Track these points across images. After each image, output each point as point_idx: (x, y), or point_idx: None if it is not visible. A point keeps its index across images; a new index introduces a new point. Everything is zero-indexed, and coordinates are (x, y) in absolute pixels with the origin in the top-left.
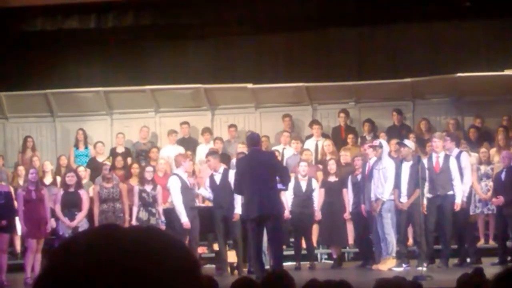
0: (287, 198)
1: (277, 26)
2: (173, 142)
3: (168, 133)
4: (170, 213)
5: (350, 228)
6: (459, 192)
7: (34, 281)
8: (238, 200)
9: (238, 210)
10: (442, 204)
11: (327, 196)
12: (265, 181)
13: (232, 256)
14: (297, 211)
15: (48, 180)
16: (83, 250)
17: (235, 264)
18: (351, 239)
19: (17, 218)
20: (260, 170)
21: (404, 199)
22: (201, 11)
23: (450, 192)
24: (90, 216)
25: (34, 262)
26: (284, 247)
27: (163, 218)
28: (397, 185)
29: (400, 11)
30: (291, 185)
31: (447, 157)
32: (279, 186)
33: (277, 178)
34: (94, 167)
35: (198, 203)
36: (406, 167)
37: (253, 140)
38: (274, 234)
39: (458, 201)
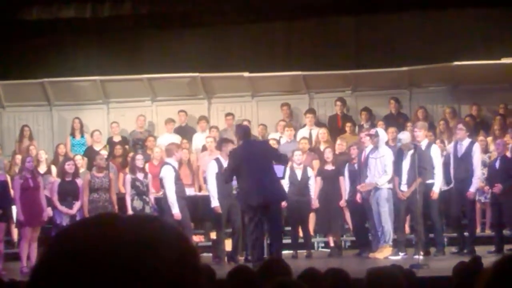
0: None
1: (275, 14)
2: (170, 130)
3: (166, 122)
4: (161, 202)
5: (347, 216)
6: (438, 181)
7: (31, 269)
8: None
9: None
10: (427, 193)
11: (323, 185)
12: (264, 169)
13: (227, 245)
14: (293, 200)
15: (42, 169)
16: (79, 240)
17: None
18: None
19: (13, 207)
20: (258, 159)
21: (404, 187)
22: (198, 0)
23: (431, 181)
24: None
25: (30, 251)
26: None
27: (156, 206)
28: (397, 173)
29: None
30: (286, 173)
31: (429, 145)
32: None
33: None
34: (91, 156)
35: (194, 192)
36: (408, 155)
37: (246, 131)
38: (275, 223)
39: (436, 189)
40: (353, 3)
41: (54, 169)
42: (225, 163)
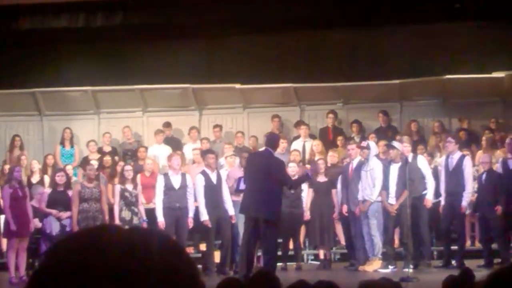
0: None
1: (267, 27)
2: (160, 141)
3: (155, 133)
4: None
5: (339, 229)
6: (431, 189)
7: (28, 279)
8: (229, 201)
9: (231, 211)
10: (416, 205)
11: (315, 197)
12: (261, 183)
13: (217, 257)
14: (286, 212)
15: (35, 179)
16: (72, 251)
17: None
18: (342, 240)
19: (1, 217)
20: (258, 172)
21: (392, 200)
22: (190, 11)
23: (423, 192)
24: None
25: (19, 261)
26: None
27: (145, 217)
28: (385, 187)
29: (388, 13)
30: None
31: (415, 157)
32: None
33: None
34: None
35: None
36: (395, 168)
37: (268, 140)
38: (264, 239)
39: (429, 197)
40: (345, 16)
41: (46, 179)
42: (211, 175)
